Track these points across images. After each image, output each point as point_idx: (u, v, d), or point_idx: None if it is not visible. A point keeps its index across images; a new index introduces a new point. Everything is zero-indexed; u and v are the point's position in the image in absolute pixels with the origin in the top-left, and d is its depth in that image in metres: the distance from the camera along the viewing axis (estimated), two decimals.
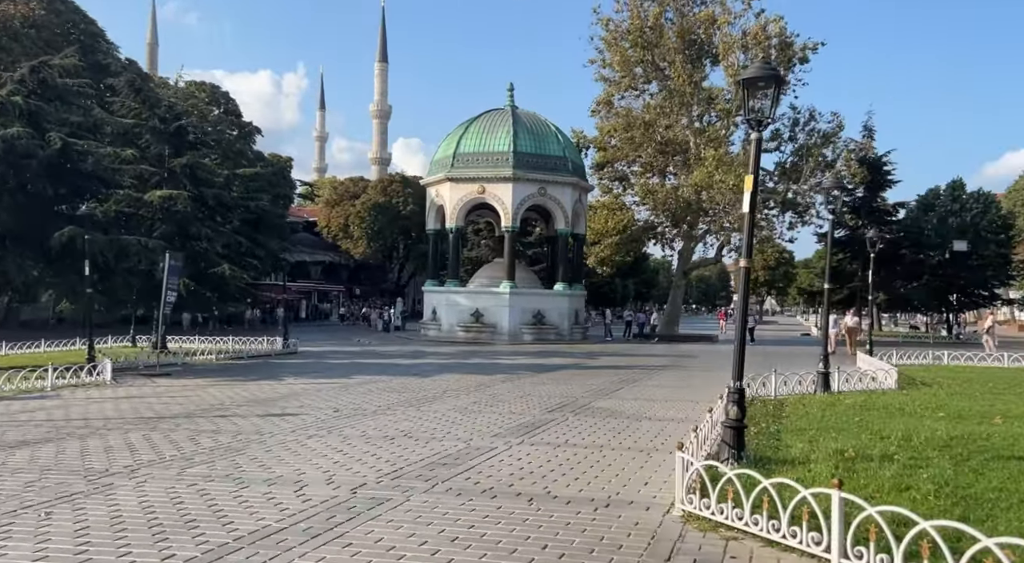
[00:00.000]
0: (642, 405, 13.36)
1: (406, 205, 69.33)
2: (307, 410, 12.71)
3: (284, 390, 15.65)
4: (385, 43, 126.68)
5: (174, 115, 26.57)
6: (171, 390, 15.65)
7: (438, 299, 37.40)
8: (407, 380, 17.77)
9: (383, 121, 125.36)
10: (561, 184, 36.67)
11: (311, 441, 9.80)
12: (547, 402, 13.75)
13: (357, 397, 14.47)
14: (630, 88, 40.20)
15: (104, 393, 15.18)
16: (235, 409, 12.82)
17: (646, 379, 18.51)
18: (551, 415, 12.06)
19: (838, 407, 11.86)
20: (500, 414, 12.22)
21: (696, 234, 40.81)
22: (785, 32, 36.74)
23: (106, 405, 13.35)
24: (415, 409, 12.84)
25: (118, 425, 11.06)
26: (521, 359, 24.98)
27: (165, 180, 25.56)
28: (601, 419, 11.60)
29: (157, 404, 13.47)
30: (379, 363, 22.89)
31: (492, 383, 17.25)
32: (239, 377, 18.31)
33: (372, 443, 9.63)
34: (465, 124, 37.91)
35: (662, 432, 10.52)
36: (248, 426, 10.98)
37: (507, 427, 10.86)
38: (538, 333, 35.47)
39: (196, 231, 24.66)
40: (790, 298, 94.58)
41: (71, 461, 8.52)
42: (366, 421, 11.49)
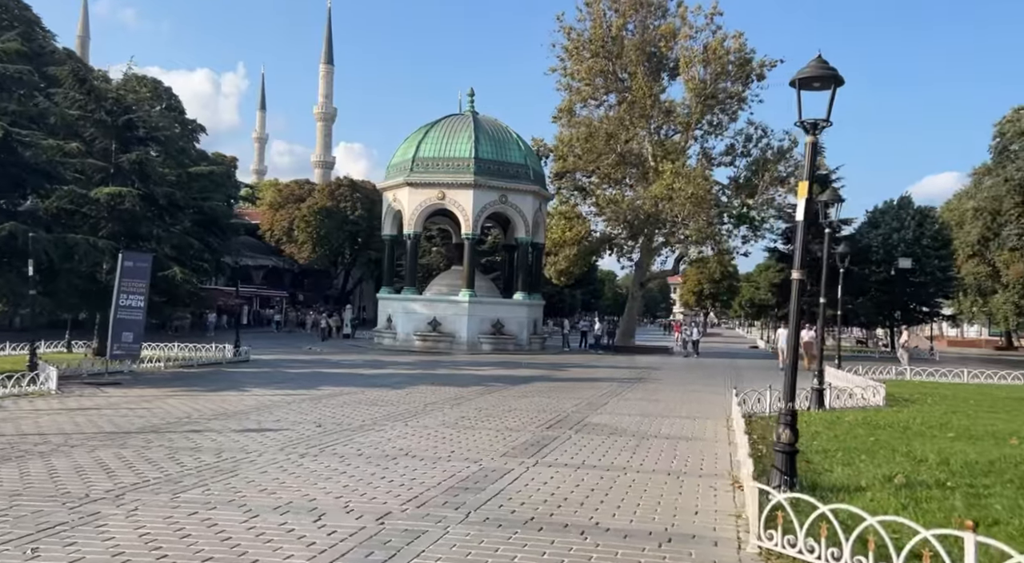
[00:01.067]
0: (640, 422, 12.85)
1: (354, 210, 67.96)
2: (286, 425, 11.81)
3: (252, 402, 14.65)
4: (331, 45, 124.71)
5: (122, 108, 25.04)
6: (127, 401, 14.48)
7: (394, 307, 36.42)
8: (380, 392, 16.92)
9: (327, 124, 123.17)
10: (523, 192, 36.16)
11: (306, 461, 8.97)
12: (538, 417, 13.12)
13: (334, 410, 13.59)
14: (591, 98, 40.10)
15: (52, 404, 13.93)
16: (206, 423, 11.83)
17: (626, 392, 18.05)
18: (551, 432, 11.44)
19: (842, 425, 11.57)
20: (496, 431, 11.55)
21: (654, 246, 40.81)
22: (744, 48, 37.14)
23: (59, 418, 12.18)
24: (403, 424, 12.07)
25: (80, 441, 10.01)
26: (488, 370, 24.30)
27: (111, 176, 24.01)
28: (606, 437, 11.04)
29: (116, 417, 12.36)
30: (340, 373, 21.91)
31: (471, 396, 16.54)
32: (197, 387, 17.17)
33: (374, 463, 8.86)
34: (424, 128, 37.11)
35: (677, 452, 10.01)
36: (229, 443, 10.05)
37: (511, 446, 10.21)
38: (497, 343, 34.81)
39: (146, 231, 23.25)
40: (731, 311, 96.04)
41: (41, 484, 7.53)
42: (356, 438, 10.68)
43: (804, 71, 7.15)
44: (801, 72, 7.16)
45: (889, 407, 14.47)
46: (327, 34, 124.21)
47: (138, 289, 18.38)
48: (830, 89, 7.13)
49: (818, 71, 7.12)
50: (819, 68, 7.14)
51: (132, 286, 18.26)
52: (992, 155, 52.33)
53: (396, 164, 37.53)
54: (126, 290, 18.13)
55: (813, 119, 7.20)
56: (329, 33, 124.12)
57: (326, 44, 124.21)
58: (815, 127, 7.29)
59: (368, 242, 69.87)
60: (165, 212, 25.26)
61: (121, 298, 18.03)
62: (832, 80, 7.09)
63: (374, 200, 71.62)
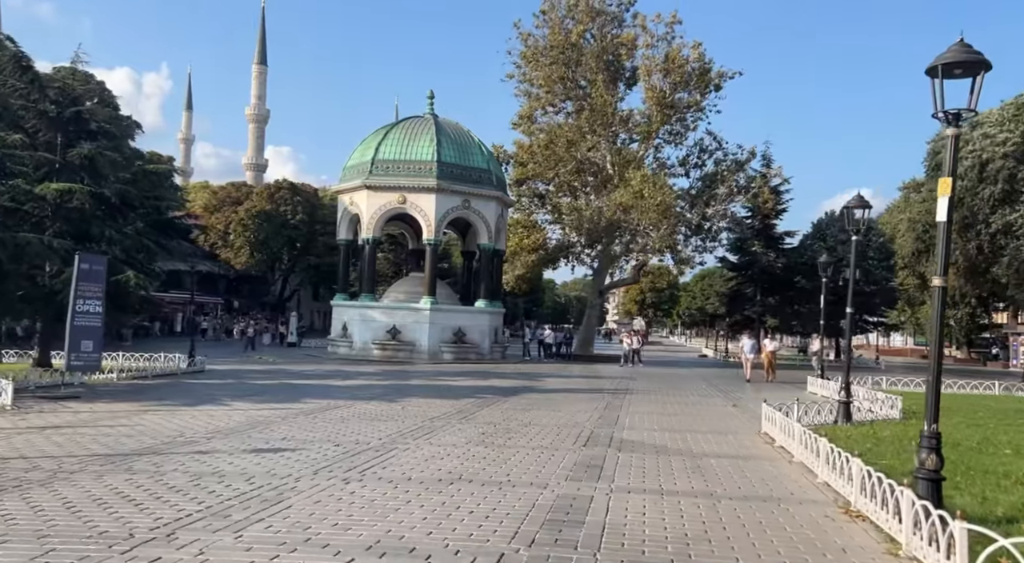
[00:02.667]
0: (673, 438, 12.15)
1: (294, 214, 65.90)
2: (297, 443, 10.70)
3: (241, 418, 13.39)
4: (264, 45, 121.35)
5: (69, 99, 23.18)
6: (98, 417, 13.04)
7: (350, 314, 35.05)
8: (372, 406, 15.85)
9: (260, 125, 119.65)
10: (486, 198, 35.35)
11: (353, 486, 7.96)
12: (564, 434, 12.34)
13: (337, 427, 12.51)
14: (549, 105, 39.61)
15: (14, 422, 12.40)
16: (206, 442, 10.62)
17: (627, 405, 17.38)
18: (593, 451, 10.64)
19: (891, 442, 11.13)
20: (533, 449, 10.72)
21: (614, 254, 40.53)
22: (704, 58, 37.28)
23: (34, 438, 10.75)
24: (426, 442, 11.11)
25: (77, 465, 8.73)
26: (463, 380, 23.39)
27: (56, 172, 22.20)
28: (655, 456, 10.28)
29: (100, 437, 11.00)
30: (313, 385, 20.65)
31: (470, 409, 15.63)
32: (167, 400, 15.74)
33: (433, 489, 7.93)
34: (384, 129, 35.95)
35: (748, 474, 9.25)
36: (250, 466, 8.94)
37: (564, 468, 9.39)
38: (459, 352, 33.85)
39: (98, 232, 21.46)
40: (670, 320, 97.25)
41: (65, 522, 6.35)
42: (387, 459, 9.69)
43: (945, 57, 6.51)
44: (941, 58, 6.53)
45: (908, 420, 14.20)
46: (261, 34, 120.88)
47: (95, 293, 16.78)
48: (974, 76, 6.52)
49: (962, 56, 6.46)
50: (963, 52, 6.50)
51: (89, 290, 16.64)
52: (926, 170, 54.11)
53: (353, 166, 36.22)
54: (83, 295, 16.52)
55: (956, 109, 6.59)
56: (263, 33, 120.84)
57: (259, 44, 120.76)
58: (958, 118, 6.69)
59: (308, 247, 67.79)
60: (116, 212, 23.50)
61: (78, 304, 16.42)
62: (978, 66, 6.48)
63: (315, 204, 69.75)
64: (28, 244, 17.22)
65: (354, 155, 36.86)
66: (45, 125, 22.32)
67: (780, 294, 47.08)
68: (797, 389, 23.33)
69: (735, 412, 16.53)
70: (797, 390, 22.87)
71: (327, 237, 67.28)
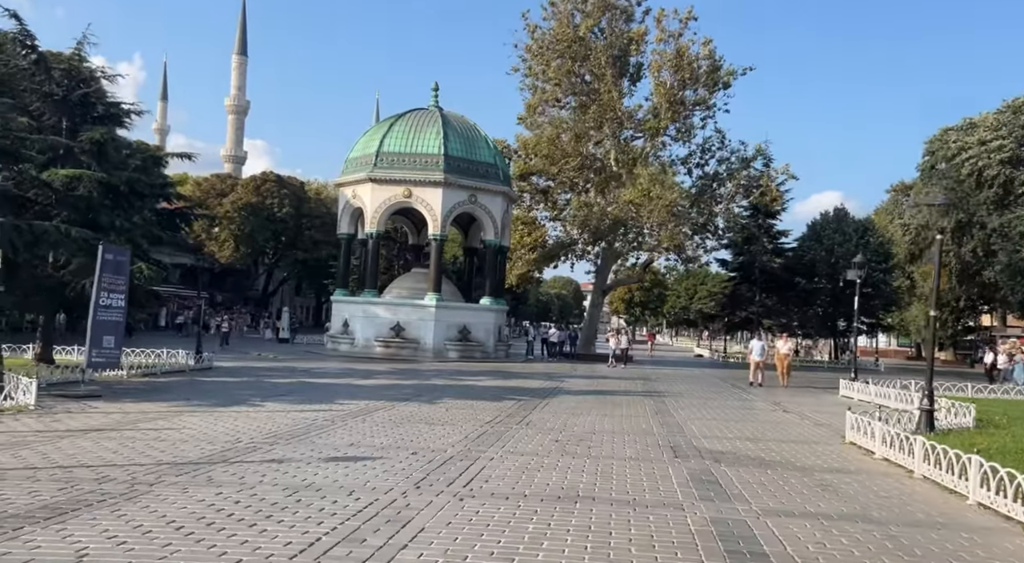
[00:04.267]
0: (759, 448, 11.48)
1: (281, 207, 64.51)
2: (371, 451, 9.96)
3: (287, 421, 12.56)
4: (245, 35, 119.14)
5: (76, 81, 22.05)
6: (133, 418, 12.15)
7: (352, 310, 34.11)
8: (413, 407, 15.12)
9: (240, 117, 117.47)
10: (492, 192, 34.61)
11: (471, 504, 7.25)
12: (641, 441, 11.72)
13: (398, 431, 11.78)
14: (554, 99, 38.95)
15: (47, 423, 11.48)
16: (271, 449, 9.83)
17: (676, 410, 16.72)
18: (696, 464, 9.89)
19: (1008, 456, 10.39)
20: (629, 461, 10.08)
21: (618, 251, 39.98)
22: (714, 55, 36.88)
23: (80, 442, 9.86)
24: (504, 450, 10.44)
25: (150, 476, 7.92)
26: (483, 380, 22.73)
27: (61, 157, 21.11)
28: (771, 471, 9.44)
29: (152, 441, 10.14)
30: (334, 384, 19.84)
31: (518, 412, 14.96)
32: (194, 401, 14.84)
33: (566, 510, 7.22)
34: (388, 121, 35.07)
35: (896, 494, 8.48)
36: (341, 478, 8.20)
37: (680, 483, 8.73)
38: (464, 350, 33.10)
39: (107, 222, 20.40)
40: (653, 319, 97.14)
41: (185, 547, 5.60)
42: (482, 470, 8.98)
43: None
44: None
45: (986, 429, 13.69)
46: (241, 23, 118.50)
47: (119, 287, 15.85)
48: None
49: None
50: None
51: (112, 283, 15.70)
52: (921, 173, 54.33)
53: (356, 158, 35.26)
54: (106, 287, 15.57)
55: None
56: (243, 23, 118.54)
57: (240, 34, 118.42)
58: None
59: (294, 241, 66.46)
60: (124, 201, 22.44)
61: (101, 297, 15.46)
62: None
63: (301, 197, 68.42)
64: (45, 233, 16.17)
65: (357, 147, 35.91)
66: (50, 108, 21.29)
67: (779, 295, 46.95)
68: (826, 393, 22.79)
69: (792, 418, 15.98)
70: (826, 394, 22.38)
71: (314, 231, 66.14)
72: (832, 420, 15.61)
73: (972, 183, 45.92)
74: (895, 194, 71.27)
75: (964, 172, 45.56)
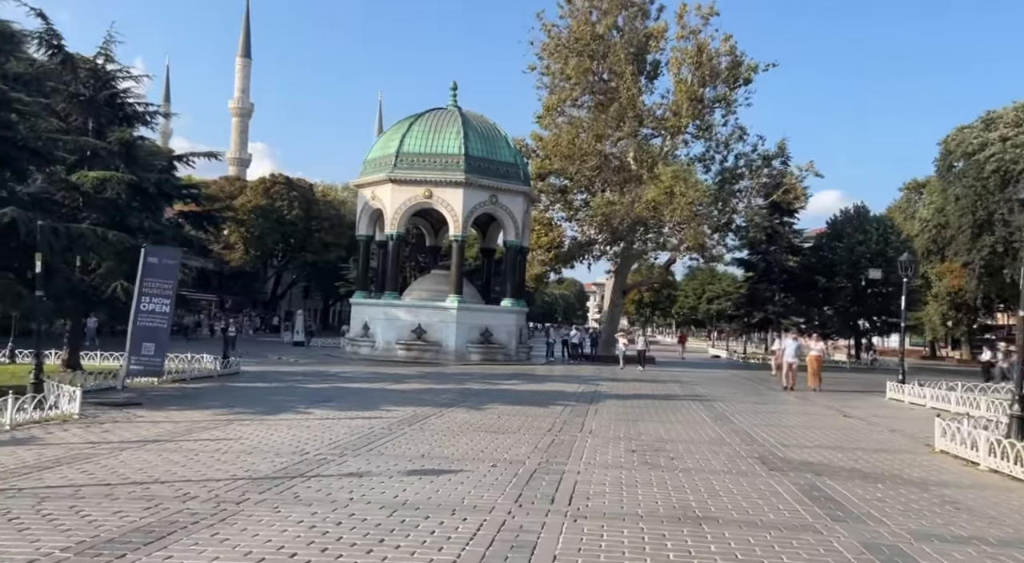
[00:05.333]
0: (852, 458, 10.88)
1: (291, 209, 64.01)
2: (448, 463, 9.50)
3: (344, 429, 12.07)
4: (248, 37, 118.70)
5: (102, 81, 21.54)
6: (183, 428, 11.65)
7: (372, 313, 33.62)
8: (467, 415, 14.65)
9: (244, 120, 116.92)
10: (513, 193, 34.17)
11: (594, 525, 6.78)
12: (722, 452, 11.25)
13: (463, 440, 11.33)
14: (572, 98, 38.42)
15: (99, 434, 11.00)
16: (343, 461, 9.36)
17: (732, 416, 16.23)
18: (796, 477, 9.39)
19: None
20: (724, 474, 9.61)
21: (638, 251, 39.47)
22: (735, 50, 36.40)
23: (143, 455, 9.36)
24: (583, 462, 9.99)
25: (232, 493, 7.44)
26: (520, 384, 22.29)
27: (88, 159, 20.63)
28: (885, 486, 8.81)
29: (217, 453, 9.65)
30: (371, 389, 19.38)
31: (572, 419, 14.50)
32: (237, 408, 14.34)
33: (697, 534, 6.73)
34: (408, 121, 34.58)
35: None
36: (436, 495, 7.73)
37: (795, 499, 8.26)
38: (486, 352, 32.63)
39: (136, 223, 19.91)
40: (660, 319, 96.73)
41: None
42: (578, 487, 8.48)
43: None
44: None
45: None
46: (245, 26, 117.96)
47: (164, 291, 15.39)
48: None
49: None
50: None
51: (157, 288, 15.25)
52: (938, 171, 53.86)
53: (375, 159, 34.80)
54: (149, 292, 15.13)
55: None
56: (247, 26, 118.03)
57: (244, 36, 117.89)
58: None
59: (304, 243, 65.94)
60: (151, 202, 21.97)
61: (143, 302, 14.99)
62: None
63: (310, 199, 67.92)
64: (81, 235, 15.67)
65: (375, 148, 35.46)
66: (77, 109, 20.81)
67: (798, 294, 46.50)
68: (870, 395, 22.18)
69: (858, 423, 15.39)
70: (872, 396, 21.79)
71: (323, 233, 65.67)
72: (901, 425, 15.13)
73: (997, 180, 45.47)
74: (908, 192, 70.87)
75: (988, 169, 45.07)
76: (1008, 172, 44.68)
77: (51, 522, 6.38)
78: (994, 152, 44.79)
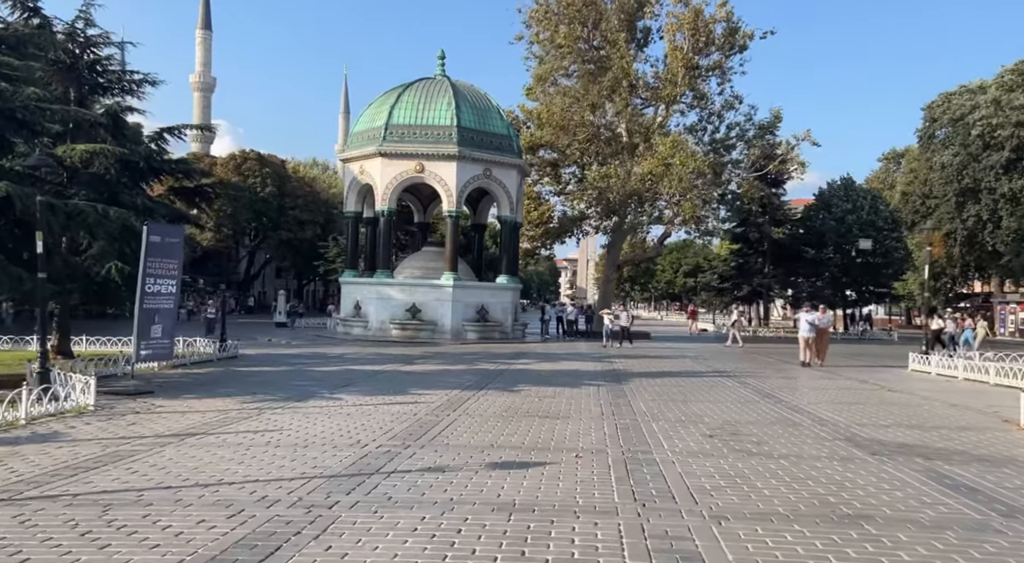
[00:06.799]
0: (943, 437, 10.21)
1: (263, 186, 62.20)
2: (519, 453, 8.72)
3: (385, 416, 11.18)
4: (208, 9, 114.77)
5: (83, 47, 20.04)
6: (214, 419, 10.66)
7: (364, 292, 32.54)
8: (502, 397, 13.88)
9: (206, 94, 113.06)
10: (507, 166, 33.17)
11: (745, 529, 6.05)
12: (800, 435, 10.63)
13: (518, 426, 10.56)
14: (562, 68, 37.40)
15: (123, 426, 9.97)
16: (408, 455, 8.52)
17: (777, 392, 15.66)
18: (913, 463, 8.76)
19: None
20: (823, 460, 8.97)
21: (631, 225, 38.79)
22: (732, 17, 35.64)
23: (188, 451, 8.39)
24: (665, 451, 9.27)
25: (309, 495, 6.56)
26: (533, 363, 21.62)
27: (71, 131, 19.24)
28: (1012, 471, 8.17)
29: (258, 446, 8.72)
30: (386, 371, 18.51)
31: (613, 400, 13.82)
32: (259, 394, 13.35)
33: (871, 537, 6.06)
34: (395, 91, 33.27)
35: None
36: (542, 493, 6.95)
37: (925, 487, 7.63)
38: (483, 331, 31.80)
39: (128, 200, 18.64)
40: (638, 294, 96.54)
41: None
42: (685, 479, 7.77)
43: None
44: None
45: None
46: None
47: (169, 271, 14.24)
48: None
49: None
50: None
51: (161, 267, 14.09)
52: (920, 139, 53.91)
53: (363, 132, 33.51)
54: (153, 273, 13.96)
55: None
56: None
57: (203, 8, 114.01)
58: None
59: (278, 221, 64.18)
60: (141, 178, 20.67)
61: (148, 283, 13.86)
62: None
63: (283, 176, 66.08)
64: (81, 213, 14.46)
65: (362, 119, 34.13)
66: (57, 77, 19.38)
67: (786, 266, 46.35)
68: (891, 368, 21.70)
69: (909, 398, 14.63)
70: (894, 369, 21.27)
71: (298, 211, 64.02)
72: (957, 399, 14.65)
73: (980, 146, 45.52)
74: (886, 161, 71.17)
75: (974, 134, 45.03)
76: (994, 138, 44.73)
77: (131, 535, 5.47)
78: (983, 115, 44.61)
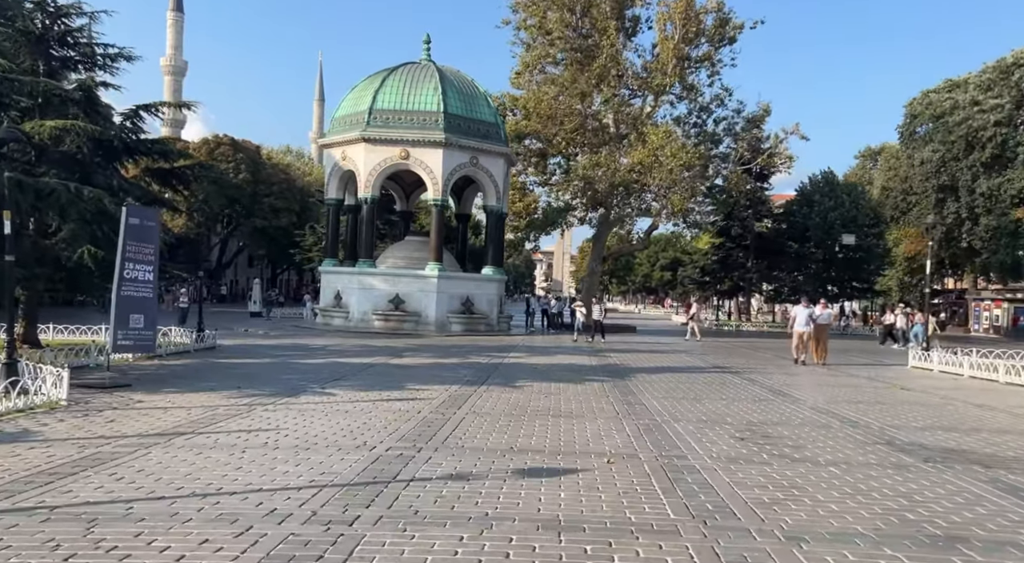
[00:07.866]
0: (984, 441, 9.85)
1: (237, 172, 60.65)
2: (543, 458, 8.00)
3: (387, 415, 10.36)
4: None
5: (53, 17, 18.84)
6: (201, 416, 9.78)
7: (346, 282, 31.56)
8: (507, 394, 13.15)
9: (177, 78, 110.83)
10: (494, 154, 32.32)
11: (819, 553, 5.37)
12: (833, 437, 10.01)
13: (532, 427, 9.82)
14: (550, 55, 36.64)
15: (100, 424, 9.05)
16: (423, 460, 7.74)
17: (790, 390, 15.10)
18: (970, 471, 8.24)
19: None
20: (885, 468, 8.33)
21: (618, 216, 38.15)
22: (723, 7, 35.10)
23: (180, 454, 7.53)
24: (701, 456, 8.58)
25: (324, 508, 5.77)
26: (528, 357, 20.89)
27: (40, 106, 18.07)
28: None
29: (254, 448, 7.89)
30: (370, 364, 17.68)
31: (624, 398, 13.14)
32: (247, 389, 12.46)
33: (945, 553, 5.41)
34: (380, 75, 32.24)
35: None
36: (585, 507, 6.21)
37: (994, 502, 7.02)
38: (468, 323, 31.03)
39: (102, 181, 17.53)
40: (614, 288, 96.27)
41: None
42: (735, 491, 7.09)
43: None
44: None
45: None
46: None
47: (146, 257, 13.26)
48: None
49: None
50: None
51: (139, 252, 13.11)
52: (901, 137, 53.90)
53: (345, 116, 32.46)
54: (132, 257, 12.98)
55: None
56: None
57: None
58: None
59: (252, 208, 62.67)
60: (115, 158, 19.54)
61: (126, 268, 12.88)
62: None
63: (257, 162, 64.54)
64: (52, 192, 13.41)
65: (345, 104, 33.06)
66: (26, 48, 18.21)
67: (769, 260, 46.11)
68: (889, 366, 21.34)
69: (930, 398, 14.13)
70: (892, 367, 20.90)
71: (272, 198, 62.58)
72: (979, 399, 14.25)
73: (962, 144, 45.52)
74: (863, 159, 71.42)
75: (957, 134, 45.01)
76: (975, 138, 44.76)
77: (123, 562, 4.63)
78: (964, 116, 44.66)
